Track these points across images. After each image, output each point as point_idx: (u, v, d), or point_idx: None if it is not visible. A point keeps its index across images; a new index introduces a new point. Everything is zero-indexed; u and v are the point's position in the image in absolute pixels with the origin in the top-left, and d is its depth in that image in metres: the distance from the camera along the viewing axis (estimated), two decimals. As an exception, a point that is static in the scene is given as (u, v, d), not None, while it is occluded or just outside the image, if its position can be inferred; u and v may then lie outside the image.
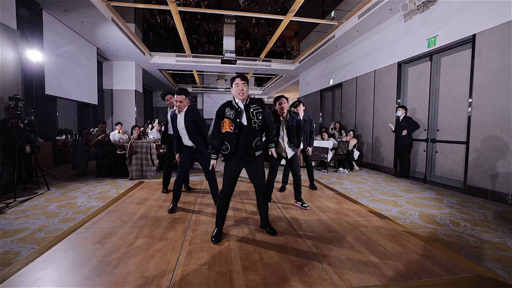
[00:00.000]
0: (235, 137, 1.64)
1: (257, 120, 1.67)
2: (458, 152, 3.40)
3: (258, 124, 1.68)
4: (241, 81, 1.64)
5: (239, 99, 1.66)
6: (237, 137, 1.64)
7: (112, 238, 1.71)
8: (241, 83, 1.64)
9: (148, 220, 2.07)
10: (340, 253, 1.57)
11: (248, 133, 1.65)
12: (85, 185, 3.35)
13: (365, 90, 5.31)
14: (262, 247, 1.63)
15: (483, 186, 2.96)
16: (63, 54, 4.75)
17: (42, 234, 1.78)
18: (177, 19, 5.26)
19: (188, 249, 1.59)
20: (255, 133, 1.68)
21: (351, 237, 1.81)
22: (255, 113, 1.67)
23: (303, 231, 1.90)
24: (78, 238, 1.70)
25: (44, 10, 4.15)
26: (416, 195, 3.01)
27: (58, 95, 4.72)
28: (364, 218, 2.20)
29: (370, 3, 4.32)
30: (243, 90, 1.64)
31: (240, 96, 1.64)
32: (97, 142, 3.85)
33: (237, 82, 1.64)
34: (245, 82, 1.65)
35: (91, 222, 1.99)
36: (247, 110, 1.66)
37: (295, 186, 2.50)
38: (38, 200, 2.59)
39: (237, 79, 1.65)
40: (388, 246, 1.67)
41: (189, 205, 2.50)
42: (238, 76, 1.66)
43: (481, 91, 3.02)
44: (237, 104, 1.66)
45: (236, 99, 1.67)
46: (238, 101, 1.66)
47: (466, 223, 2.13)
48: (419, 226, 2.05)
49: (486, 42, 2.95)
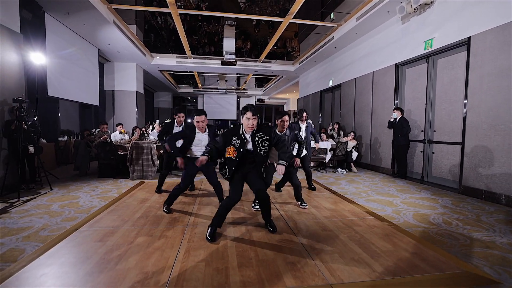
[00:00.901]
0: (235, 164, 1.73)
1: (262, 148, 1.76)
2: (454, 153, 3.44)
3: (264, 151, 1.77)
4: (252, 116, 1.70)
5: (248, 132, 1.75)
6: (238, 163, 1.74)
7: (113, 236, 1.78)
8: (252, 118, 1.71)
9: (148, 219, 2.13)
10: (333, 250, 1.63)
11: (254, 158, 1.76)
12: (87, 185, 3.42)
13: (364, 91, 5.36)
14: (258, 245, 1.69)
15: (478, 187, 3.01)
16: (65, 56, 4.83)
17: (46, 232, 1.85)
18: (177, 21, 5.33)
19: (187, 246, 1.65)
20: (262, 158, 1.78)
21: (345, 235, 1.86)
22: (261, 141, 1.75)
23: (298, 229, 1.95)
24: (80, 236, 1.77)
25: (46, 13, 4.23)
26: (412, 195, 3.06)
27: (60, 97, 4.80)
28: (359, 217, 2.25)
29: (368, 5, 4.37)
30: (253, 124, 1.72)
31: (249, 130, 1.73)
32: (99, 143, 3.92)
33: (248, 116, 1.70)
34: (255, 117, 1.72)
35: (93, 221, 2.06)
36: (253, 139, 1.75)
37: (295, 192, 2.54)
38: (41, 200, 2.66)
39: (249, 113, 1.70)
40: (380, 244, 1.72)
41: (188, 205, 2.56)
42: (250, 111, 1.70)
43: (476, 93, 3.07)
44: (243, 135, 1.74)
45: (245, 130, 1.75)
46: (247, 132, 1.75)
47: (458, 222, 2.18)
48: (412, 225, 2.10)
49: (481, 45, 2.99)
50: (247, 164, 1.78)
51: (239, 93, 13.39)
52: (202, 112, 2.19)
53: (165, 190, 3.08)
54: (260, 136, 1.75)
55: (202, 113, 2.18)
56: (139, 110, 7.82)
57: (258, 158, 1.76)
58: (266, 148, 1.76)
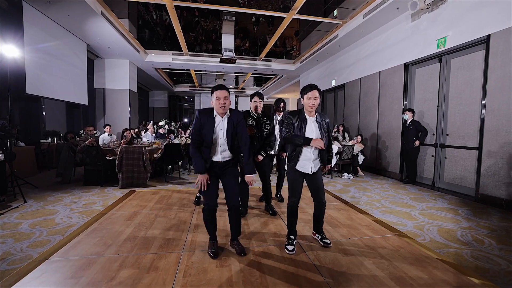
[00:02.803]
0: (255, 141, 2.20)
1: (265, 130, 2.25)
2: (470, 158, 3.23)
3: (266, 133, 2.25)
4: (258, 99, 2.24)
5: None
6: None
7: (91, 269, 1.43)
8: (258, 101, 2.25)
9: (136, 242, 1.79)
10: (361, 285, 1.34)
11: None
12: (69, 195, 3.03)
13: (369, 92, 5.12)
14: (269, 276, 1.39)
15: (497, 195, 2.79)
16: (47, 50, 4.38)
17: (4, 265, 1.48)
18: (173, 14, 4.96)
19: (182, 282, 1.33)
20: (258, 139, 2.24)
21: (370, 261, 1.58)
22: (264, 124, 2.25)
23: (315, 255, 1.66)
24: (48, 271, 1.41)
25: (24, 1, 3.78)
26: (429, 205, 2.82)
27: (42, 95, 4.35)
28: (380, 235, 1.98)
29: (376, 2, 4.12)
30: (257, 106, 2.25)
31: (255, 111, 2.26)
32: (84, 147, 3.52)
33: (256, 100, 2.24)
34: (261, 101, 2.26)
35: (68, 246, 1.70)
36: (258, 122, 2.22)
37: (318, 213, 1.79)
38: (9, 217, 2.26)
39: (256, 97, 2.24)
40: (413, 274, 1.45)
41: (183, 223, 2.23)
42: (257, 95, 2.25)
43: (496, 95, 2.85)
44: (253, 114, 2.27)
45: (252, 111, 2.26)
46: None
47: (490, 240, 1.93)
48: (441, 246, 1.84)
49: (502, 44, 2.77)
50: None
51: (237, 93, 13.05)
52: (224, 87, 1.50)
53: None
54: (264, 121, 2.24)
55: (224, 88, 1.50)
56: (132, 109, 7.38)
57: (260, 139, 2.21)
58: (268, 131, 2.24)
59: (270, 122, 2.24)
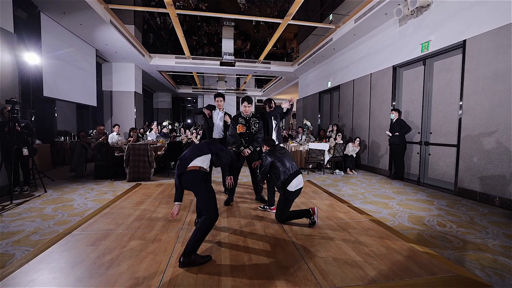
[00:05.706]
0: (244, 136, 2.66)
1: (254, 127, 2.68)
2: (450, 155, 3.45)
3: (255, 130, 2.68)
4: (247, 104, 2.67)
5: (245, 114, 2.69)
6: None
7: (106, 240, 1.76)
8: (247, 106, 2.67)
9: (142, 222, 2.12)
10: (326, 254, 1.63)
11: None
12: (82, 187, 3.39)
13: (362, 93, 5.37)
14: (252, 249, 1.69)
15: (473, 188, 3.02)
16: (61, 56, 4.79)
17: (37, 236, 1.83)
18: (175, 21, 5.32)
19: (180, 250, 1.64)
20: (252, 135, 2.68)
21: (339, 238, 1.86)
22: (253, 123, 2.68)
23: (293, 233, 1.95)
24: (72, 240, 1.75)
25: (42, 12, 4.20)
26: (408, 197, 3.06)
27: (56, 97, 4.77)
28: (354, 220, 2.25)
29: (366, 8, 4.38)
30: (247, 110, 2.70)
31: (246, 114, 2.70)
32: (97, 145, 3.90)
33: (245, 104, 2.68)
34: (250, 105, 2.69)
35: (86, 224, 2.04)
36: (247, 121, 2.66)
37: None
38: (34, 203, 2.63)
39: (245, 102, 2.68)
40: (374, 247, 1.72)
41: (183, 208, 2.55)
42: (246, 100, 2.68)
43: (471, 96, 3.08)
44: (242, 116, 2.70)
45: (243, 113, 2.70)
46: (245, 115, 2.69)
47: (452, 224, 2.18)
48: (407, 228, 2.10)
49: (476, 48, 3.01)
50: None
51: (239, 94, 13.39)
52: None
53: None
54: (253, 120, 2.67)
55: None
56: (138, 110, 7.78)
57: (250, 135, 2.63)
58: (257, 128, 2.66)
59: (258, 121, 2.67)
